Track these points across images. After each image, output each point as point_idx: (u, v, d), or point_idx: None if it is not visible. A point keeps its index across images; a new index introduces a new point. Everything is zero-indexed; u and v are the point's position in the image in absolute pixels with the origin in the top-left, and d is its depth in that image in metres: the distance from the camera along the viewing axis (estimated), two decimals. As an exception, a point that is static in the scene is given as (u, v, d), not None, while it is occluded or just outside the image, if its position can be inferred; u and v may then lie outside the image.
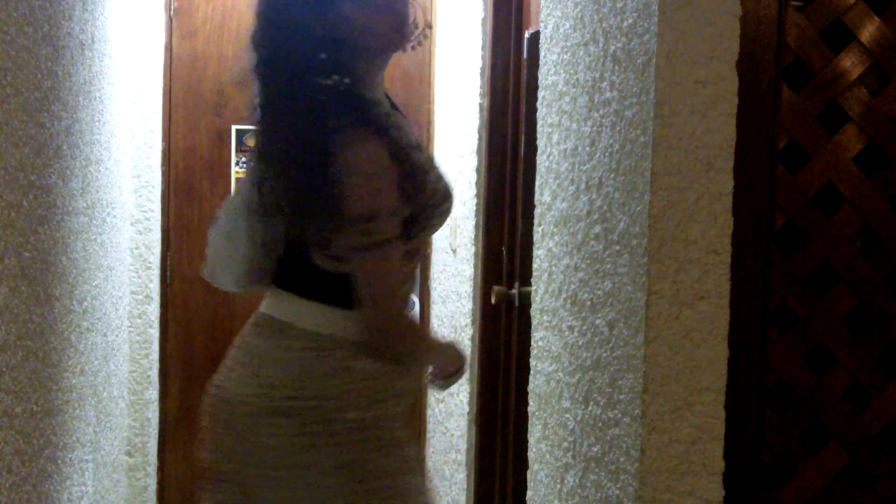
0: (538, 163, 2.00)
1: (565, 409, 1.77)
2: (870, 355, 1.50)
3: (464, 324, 2.96)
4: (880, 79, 1.51)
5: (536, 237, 2.00)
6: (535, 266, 2.01)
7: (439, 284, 3.34)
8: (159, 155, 3.41)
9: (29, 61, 1.74)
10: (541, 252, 1.97)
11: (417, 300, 3.48)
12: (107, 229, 2.70)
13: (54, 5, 1.93)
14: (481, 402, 2.82)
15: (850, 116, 1.49)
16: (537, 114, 2.02)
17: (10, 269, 1.65)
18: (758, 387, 1.45)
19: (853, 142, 1.50)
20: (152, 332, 3.37)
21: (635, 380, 1.43)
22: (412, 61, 3.41)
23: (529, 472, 2.03)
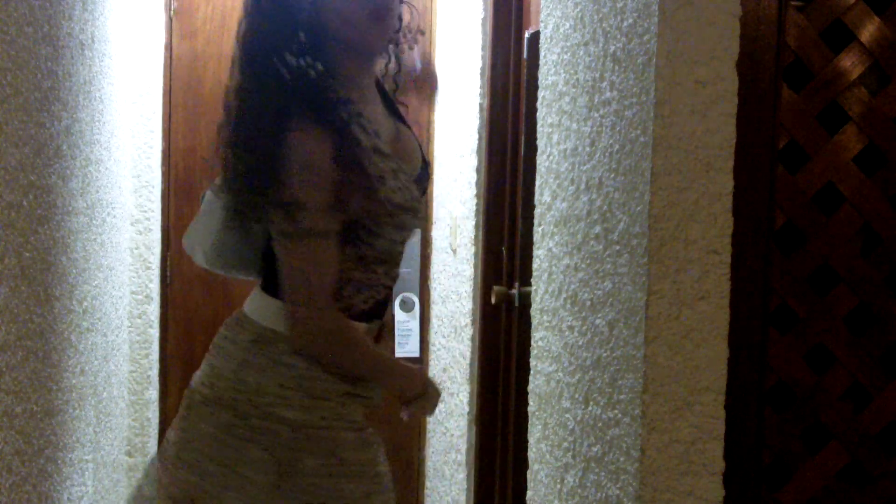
0: (538, 163, 2.00)
1: (565, 409, 1.77)
2: (870, 355, 1.50)
3: (464, 324, 2.96)
4: (880, 79, 1.51)
5: (536, 237, 2.00)
6: (535, 266, 2.01)
7: (439, 284, 3.34)
8: (159, 155, 3.41)
9: (29, 61, 1.74)
10: (541, 252, 1.97)
11: (417, 300, 3.48)
12: (107, 229, 2.70)
13: (54, 5, 1.93)
14: (481, 402, 2.82)
15: (850, 116, 1.49)
16: (537, 114, 2.02)
17: (10, 269, 1.65)
18: (758, 387, 1.45)
19: (853, 142, 1.50)
20: (152, 332, 3.37)
21: (635, 380, 1.43)
22: (412, 61, 3.41)
23: (529, 472, 2.03)
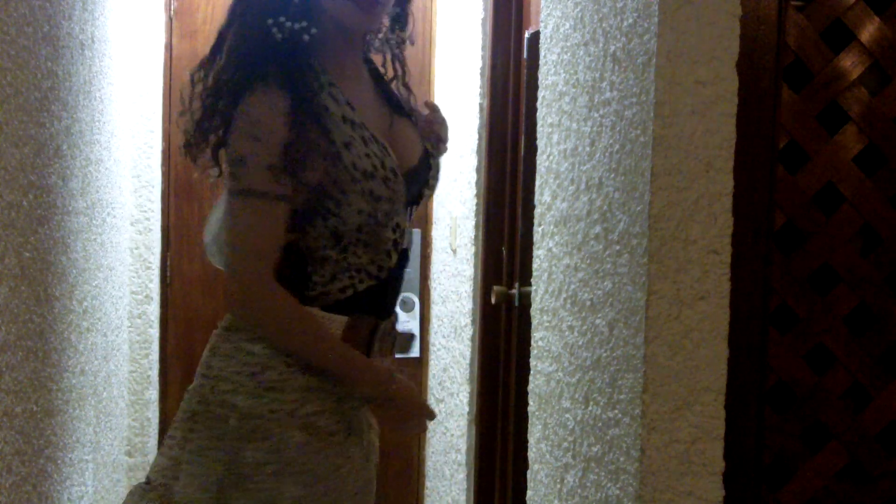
0: (538, 163, 2.00)
1: (565, 409, 1.77)
2: (870, 355, 1.50)
3: (464, 324, 2.96)
4: (880, 79, 1.51)
5: (536, 237, 2.00)
6: (535, 266, 2.01)
7: (439, 284, 3.34)
8: (159, 155, 3.41)
9: (29, 61, 1.74)
10: (541, 252, 1.97)
11: (417, 300, 3.48)
12: (107, 229, 2.70)
13: (54, 5, 1.93)
14: (481, 402, 2.82)
15: (850, 116, 1.49)
16: (537, 114, 2.02)
17: (10, 269, 1.65)
18: (758, 387, 1.45)
19: (853, 142, 1.50)
20: (152, 332, 3.37)
21: (635, 380, 1.43)
22: (412, 61, 3.41)
23: (529, 472, 2.03)
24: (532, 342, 2.02)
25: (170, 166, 3.50)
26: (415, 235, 3.41)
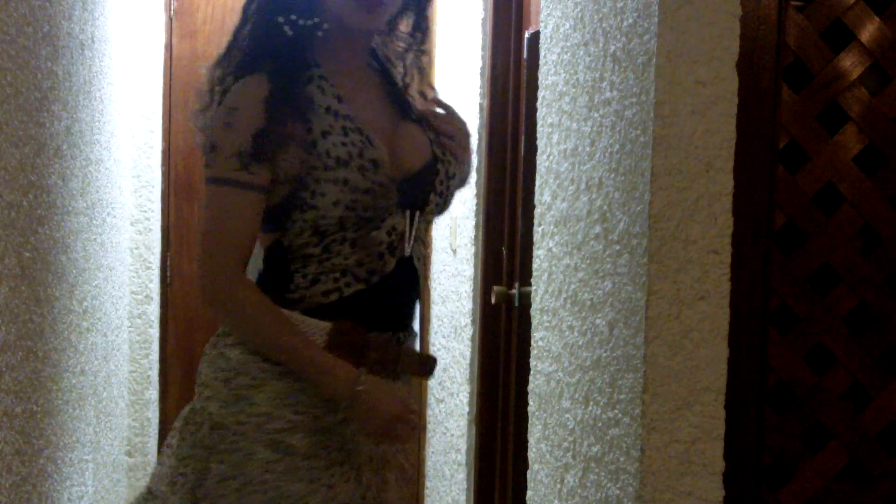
0: (538, 163, 2.00)
1: (565, 409, 1.77)
2: (870, 355, 1.50)
3: (464, 324, 2.96)
4: (880, 79, 1.51)
5: (536, 237, 2.00)
6: (535, 266, 2.01)
7: (439, 284, 3.34)
8: (159, 155, 3.41)
9: (29, 61, 1.74)
10: (541, 252, 1.97)
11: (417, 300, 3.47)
12: (107, 229, 2.70)
13: (54, 5, 1.93)
14: (481, 402, 2.82)
15: (850, 116, 1.49)
16: (537, 114, 2.02)
17: (10, 269, 1.65)
18: (758, 387, 1.45)
19: (853, 142, 1.50)
20: (152, 332, 3.37)
21: (635, 380, 1.43)
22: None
23: (529, 472, 2.03)
24: (532, 342, 2.02)
25: (170, 166, 3.50)
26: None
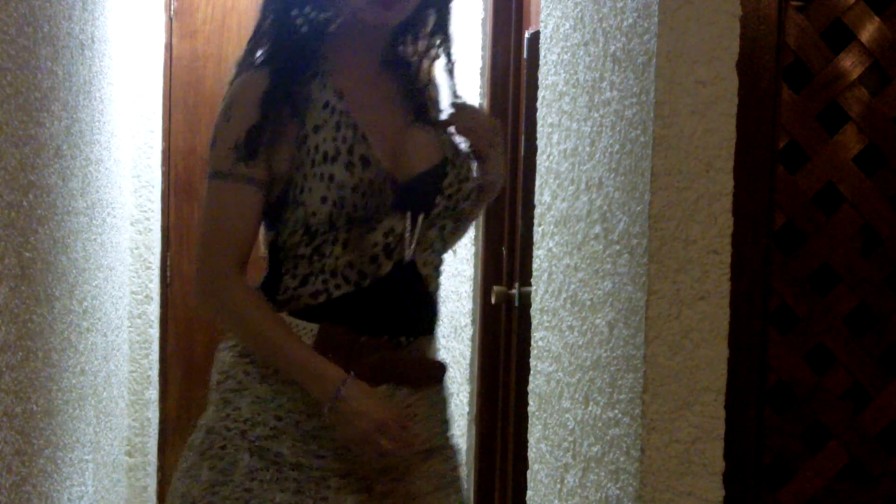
0: (538, 163, 2.00)
1: (565, 409, 1.77)
2: (870, 355, 1.50)
3: (464, 324, 2.96)
4: (880, 79, 1.51)
5: (536, 237, 2.00)
6: (535, 266, 2.01)
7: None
8: (159, 155, 3.41)
9: (29, 61, 1.74)
10: (541, 252, 1.97)
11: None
12: (107, 229, 2.70)
13: (54, 5, 1.93)
14: (481, 402, 2.82)
15: (850, 116, 1.49)
16: (537, 114, 2.02)
17: (10, 269, 1.65)
18: (758, 387, 1.45)
19: (853, 142, 1.50)
20: (152, 332, 3.37)
21: (635, 380, 1.43)
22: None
23: (529, 472, 2.03)
24: (532, 342, 2.02)
25: (170, 166, 3.50)
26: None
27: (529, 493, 2.03)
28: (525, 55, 2.45)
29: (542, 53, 1.99)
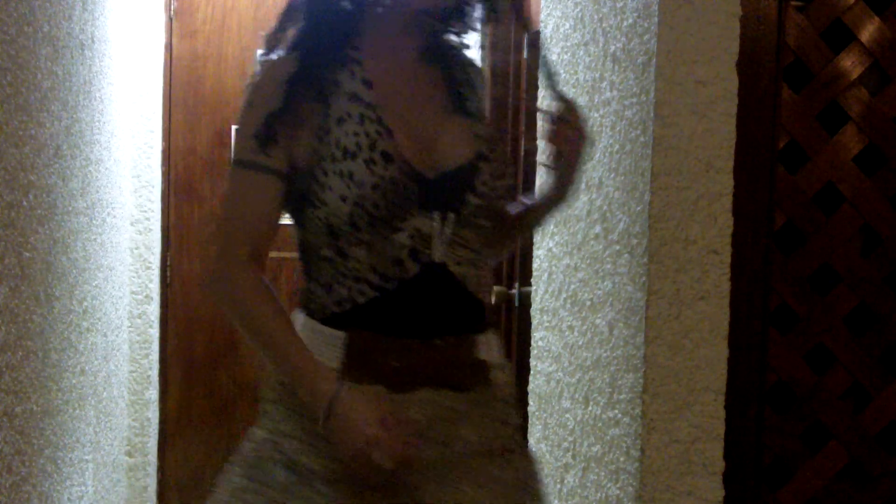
0: (538, 162, 2.00)
1: (565, 409, 1.77)
2: (870, 355, 1.50)
3: (464, 324, 2.96)
4: (880, 79, 1.51)
5: (536, 237, 2.00)
6: (535, 266, 2.01)
7: (439, 284, 3.34)
8: (159, 155, 3.41)
9: (29, 61, 1.74)
10: (541, 252, 1.97)
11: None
12: (107, 229, 2.70)
13: (54, 5, 1.93)
14: (481, 402, 2.81)
15: (850, 116, 1.49)
16: (537, 114, 2.02)
17: (10, 269, 1.65)
18: (758, 387, 1.46)
19: (853, 142, 1.50)
20: (152, 332, 3.36)
21: (635, 380, 1.43)
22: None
23: (529, 472, 2.03)
24: (532, 342, 2.02)
25: (170, 166, 3.50)
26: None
27: (529, 493, 2.03)
28: (525, 55, 2.45)
29: (542, 53, 1.99)
